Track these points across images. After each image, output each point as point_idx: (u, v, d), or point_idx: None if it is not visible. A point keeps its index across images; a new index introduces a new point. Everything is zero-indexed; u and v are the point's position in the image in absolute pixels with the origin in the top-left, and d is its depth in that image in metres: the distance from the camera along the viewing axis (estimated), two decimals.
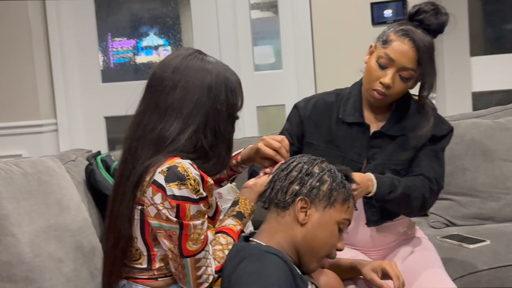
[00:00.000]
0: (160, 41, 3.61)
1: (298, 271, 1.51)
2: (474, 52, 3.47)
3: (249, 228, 2.23)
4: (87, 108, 3.36)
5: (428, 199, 1.87)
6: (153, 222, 1.46)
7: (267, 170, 1.68)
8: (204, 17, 3.35)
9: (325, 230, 1.54)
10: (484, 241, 2.31)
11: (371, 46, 1.92)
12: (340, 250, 1.60)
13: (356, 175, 1.69)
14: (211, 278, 1.50)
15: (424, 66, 1.82)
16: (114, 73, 3.63)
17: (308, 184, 1.53)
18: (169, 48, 3.59)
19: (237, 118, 1.59)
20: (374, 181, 1.77)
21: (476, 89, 3.47)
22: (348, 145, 1.94)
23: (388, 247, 2.06)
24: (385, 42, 1.84)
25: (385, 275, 1.68)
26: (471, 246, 2.28)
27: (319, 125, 1.98)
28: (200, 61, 1.53)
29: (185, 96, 1.49)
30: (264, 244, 1.54)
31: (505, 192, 2.59)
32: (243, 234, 1.65)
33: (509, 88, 3.46)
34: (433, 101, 3.07)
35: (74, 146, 2.99)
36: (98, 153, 2.35)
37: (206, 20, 3.34)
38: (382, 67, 1.83)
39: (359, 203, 1.92)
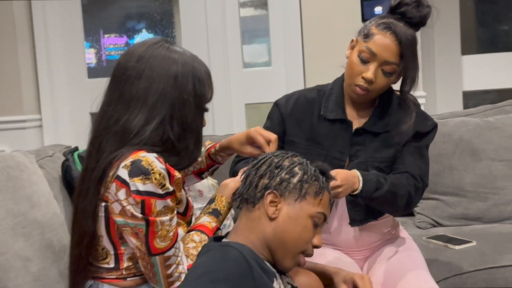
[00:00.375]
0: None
1: (270, 266, 1.45)
2: (466, 50, 3.44)
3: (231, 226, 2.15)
4: (72, 104, 3.29)
5: (414, 197, 1.80)
6: (118, 219, 1.38)
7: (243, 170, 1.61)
8: (193, 14, 3.28)
9: (297, 225, 1.45)
10: (470, 242, 2.25)
11: (352, 40, 1.85)
12: (316, 247, 1.51)
13: (341, 173, 1.63)
14: (182, 276, 1.43)
15: (407, 60, 1.76)
16: (106, 69, 3.56)
17: (278, 177, 1.46)
18: None
19: (206, 110, 1.51)
20: (360, 178, 1.69)
21: (467, 88, 3.44)
22: (330, 142, 1.87)
23: (372, 247, 1.99)
24: (367, 36, 1.77)
25: None
26: (457, 247, 2.22)
27: (301, 122, 1.91)
28: (166, 50, 1.45)
29: (150, 86, 1.42)
30: (228, 241, 1.47)
31: (493, 192, 2.53)
32: (217, 234, 1.58)
33: (501, 87, 3.41)
34: (423, 99, 3.04)
35: (59, 142, 2.91)
36: (76, 149, 2.29)
37: (195, 17, 3.28)
38: (364, 61, 1.76)
39: (342, 203, 1.87)
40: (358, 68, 1.77)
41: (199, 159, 1.76)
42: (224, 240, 1.51)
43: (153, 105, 1.41)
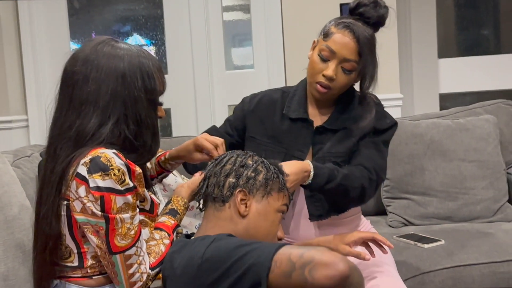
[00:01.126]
0: (143, 41, 3.52)
1: None
2: (442, 54, 3.43)
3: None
4: None
5: (367, 189, 1.79)
6: (79, 217, 1.35)
7: (200, 172, 1.61)
8: (177, 18, 3.26)
9: (267, 220, 1.48)
10: (439, 240, 2.23)
11: (314, 41, 1.86)
12: (280, 239, 1.55)
13: (293, 165, 1.64)
14: (145, 276, 1.40)
15: (365, 58, 1.76)
16: None
17: (244, 175, 1.47)
18: (152, 48, 3.49)
19: (159, 104, 1.48)
20: (312, 170, 1.68)
21: (443, 91, 3.43)
22: (291, 141, 1.87)
23: None
24: (326, 35, 1.78)
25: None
26: (426, 245, 2.20)
27: (264, 120, 1.91)
28: (111, 48, 1.40)
29: (99, 88, 1.37)
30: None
31: (463, 192, 2.50)
32: (184, 233, 1.56)
33: (477, 89, 3.39)
34: (401, 101, 3.01)
35: (45, 142, 2.87)
36: None
37: (179, 21, 3.25)
38: (324, 60, 1.77)
39: (302, 198, 1.86)
40: (318, 67, 1.78)
41: (149, 165, 1.74)
42: (194, 237, 1.48)
43: (105, 107, 1.36)
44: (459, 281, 2.06)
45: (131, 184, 1.35)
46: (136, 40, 3.51)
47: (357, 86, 1.90)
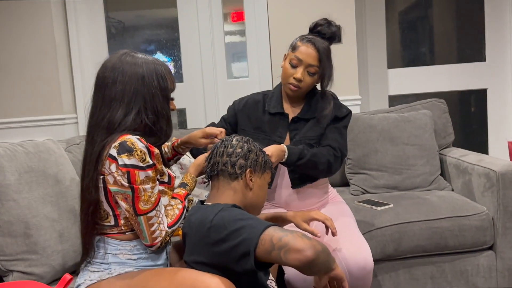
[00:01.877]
0: (165, 59, 3.49)
1: None
2: (390, 65, 3.40)
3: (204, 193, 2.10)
4: None
5: (333, 163, 1.80)
6: (112, 188, 1.34)
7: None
8: (190, 40, 3.22)
9: (263, 190, 1.51)
10: (388, 204, 2.22)
11: (284, 55, 1.89)
12: None
13: (273, 147, 1.66)
14: (163, 233, 1.40)
15: (324, 63, 1.80)
16: None
17: (251, 158, 1.47)
18: (171, 63, 3.46)
19: (172, 99, 1.47)
20: (286, 151, 1.70)
21: (391, 93, 3.41)
22: (272, 130, 1.88)
23: (314, 207, 1.96)
24: (294, 48, 1.83)
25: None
26: (379, 208, 2.19)
27: (250, 116, 1.93)
28: (132, 58, 1.40)
29: (124, 88, 1.36)
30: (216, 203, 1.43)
31: (406, 168, 2.49)
32: (199, 199, 1.55)
33: (417, 92, 3.38)
34: (359, 101, 3.01)
35: (85, 132, 2.86)
36: None
37: (191, 42, 3.22)
38: (294, 66, 1.81)
39: (284, 170, 1.87)
40: (290, 72, 1.82)
41: (167, 150, 1.73)
42: (206, 203, 1.48)
43: (129, 102, 1.36)
44: (403, 234, 2.05)
45: (151, 162, 1.34)
46: (159, 57, 3.48)
47: (318, 86, 1.93)
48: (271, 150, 1.64)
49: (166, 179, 1.47)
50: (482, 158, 2.30)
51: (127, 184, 1.31)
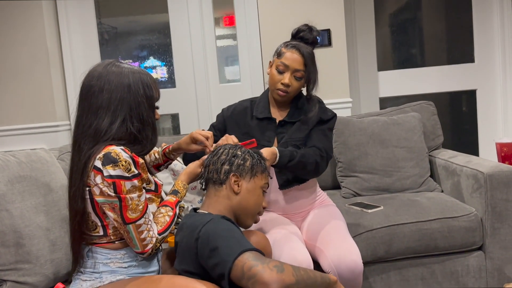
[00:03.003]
0: (158, 63, 3.50)
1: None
2: (381, 67, 3.42)
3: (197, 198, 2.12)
4: None
5: (320, 163, 1.83)
6: (99, 199, 1.35)
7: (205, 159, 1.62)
8: (181, 45, 3.23)
9: (254, 194, 1.50)
10: (379, 207, 2.24)
11: (270, 62, 1.93)
12: (265, 207, 1.58)
13: (265, 150, 1.68)
14: (154, 239, 1.41)
15: (309, 67, 1.84)
16: None
17: (236, 163, 1.50)
18: (164, 67, 3.47)
19: (157, 107, 1.49)
20: (277, 153, 1.73)
21: (382, 95, 3.43)
22: (260, 134, 1.91)
23: (304, 211, 1.99)
24: (279, 54, 1.86)
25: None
26: (370, 210, 2.20)
27: (238, 122, 1.95)
28: (117, 68, 1.42)
29: (111, 96, 1.38)
30: (208, 212, 1.46)
31: (396, 170, 2.50)
32: (192, 207, 1.57)
33: (408, 94, 3.40)
34: (350, 104, 3.03)
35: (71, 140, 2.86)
36: None
37: (183, 47, 3.23)
38: (280, 72, 1.85)
39: (272, 172, 1.90)
40: (277, 78, 1.85)
41: (157, 156, 1.74)
42: (198, 211, 1.50)
43: (115, 110, 1.37)
44: (393, 236, 2.06)
45: (136, 172, 1.35)
46: (152, 62, 3.49)
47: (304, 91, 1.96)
48: (264, 153, 1.66)
49: (152, 187, 1.48)
50: (470, 159, 2.32)
51: (113, 194, 1.32)
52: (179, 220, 1.52)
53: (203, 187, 1.55)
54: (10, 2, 2.82)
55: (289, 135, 1.88)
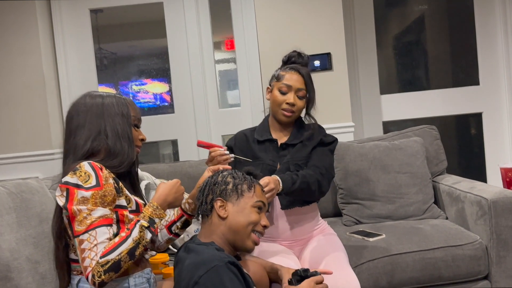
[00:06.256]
0: (162, 83, 3.55)
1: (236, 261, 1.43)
2: (383, 91, 3.44)
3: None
4: None
5: (322, 181, 1.87)
6: (64, 212, 1.41)
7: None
8: (180, 70, 3.28)
9: (244, 215, 1.49)
10: (381, 235, 2.22)
11: (267, 87, 2.03)
12: (266, 227, 1.55)
13: (269, 179, 1.68)
14: (94, 262, 1.29)
15: (309, 86, 1.96)
16: None
17: (217, 189, 1.52)
18: (167, 85, 3.51)
19: (136, 126, 1.56)
20: (280, 180, 1.75)
21: (386, 119, 3.43)
22: (264, 155, 1.97)
23: (304, 238, 2.00)
24: (279, 78, 1.97)
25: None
26: (371, 239, 2.19)
27: (242, 148, 2.03)
28: (92, 93, 1.53)
29: (86, 115, 1.48)
30: (209, 242, 1.49)
31: (399, 197, 2.50)
32: (188, 236, 1.59)
33: (412, 117, 3.41)
34: (353, 128, 3.04)
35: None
36: None
37: (181, 72, 3.28)
38: (283, 93, 1.94)
39: (276, 201, 1.93)
40: (281, 99, 1.94)
41: (172, 212, 1.68)
42: (197, 237, 1.54)
43: (90, 126, 1.46)
44: (396, 266, 2.05)
45: (94, 183, 1.36)
46: (150, 87, 3.53)
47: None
48: (270, 181, 1.67)
49: (133, 207, 1.49)
50: (474, 185, 2.31)
51: (65, 204, 1.35)
52: (145, 242, 1.42)
53: (198, 218, 1.57)
54: (6, 28, 2.88)
55: (291, 156, 1.95)
